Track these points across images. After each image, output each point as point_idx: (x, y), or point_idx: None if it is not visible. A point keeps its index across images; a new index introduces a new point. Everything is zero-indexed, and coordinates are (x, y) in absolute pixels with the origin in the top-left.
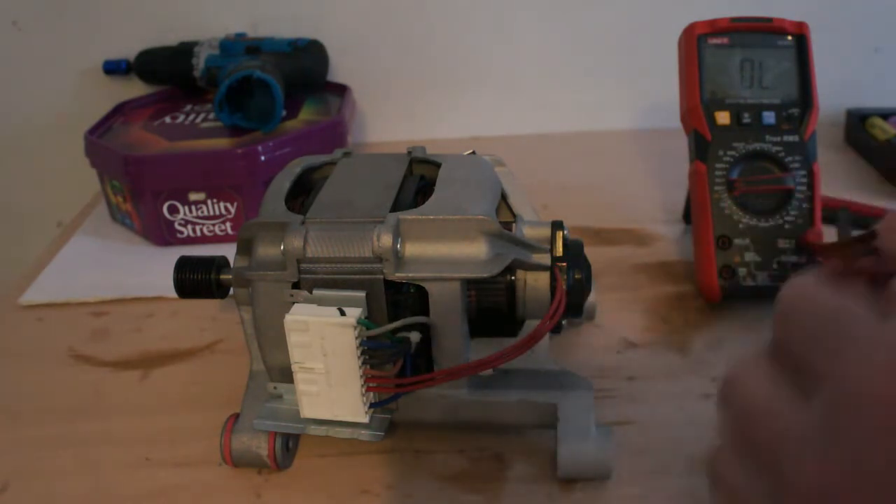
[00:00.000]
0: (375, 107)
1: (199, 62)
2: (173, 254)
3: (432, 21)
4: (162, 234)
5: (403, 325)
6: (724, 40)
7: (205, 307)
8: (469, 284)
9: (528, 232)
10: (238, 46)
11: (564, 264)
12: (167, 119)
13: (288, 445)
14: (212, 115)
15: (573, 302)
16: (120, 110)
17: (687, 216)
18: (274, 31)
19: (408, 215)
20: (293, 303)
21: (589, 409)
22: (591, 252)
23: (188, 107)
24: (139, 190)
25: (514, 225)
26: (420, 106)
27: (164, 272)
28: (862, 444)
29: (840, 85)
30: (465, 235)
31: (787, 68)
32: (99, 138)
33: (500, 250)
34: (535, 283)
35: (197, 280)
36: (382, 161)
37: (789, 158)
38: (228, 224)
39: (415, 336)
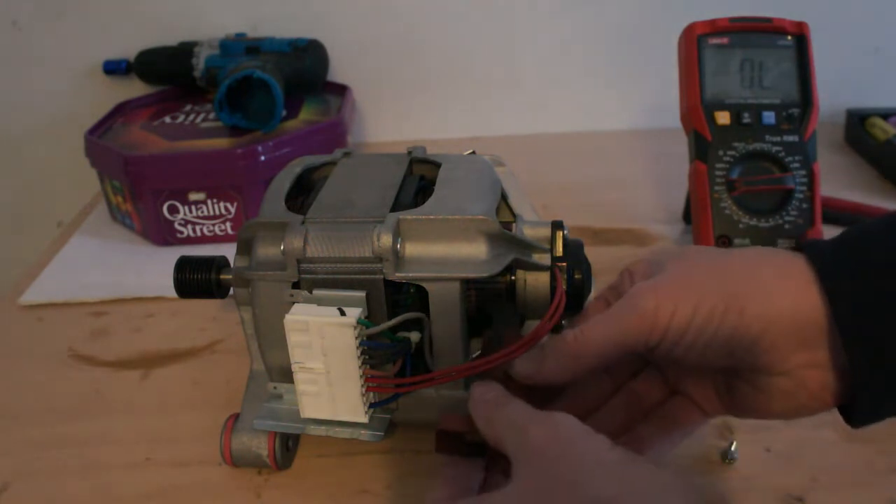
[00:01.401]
0: (375, 107)
1: (199, 62)
2: (173, 254)
3: (432, 21)
4: (162, 234)
5: (401, 321)
6: (724, 40)
7: (205, 307)
8: (469, 284)
9: (528, 232)
10: (238, 46)
11: (564, 264)
12: (167, 119)
13: (288, 445)
14: (212, 115)
15: (573, 302)
16: (120, 110)
17: (687, 216)
18: (274, 31)
19: (408, 215)
20: (293, 303)
21: None
22: (591, 252)
23: (188, 107)
24: (139, 190)
25: (514, 225)
26: (420, 106)
27: (164, 272)
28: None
29: (840, 85)
30: (465, 235)
31: (787, 68)
32: (99, 138)
33: (500, 250)
34: (535, 283)
35: (197, 280)
36: (382, 161)
37: (789, 158)
38: (228, 224)
39: (415, 336)
